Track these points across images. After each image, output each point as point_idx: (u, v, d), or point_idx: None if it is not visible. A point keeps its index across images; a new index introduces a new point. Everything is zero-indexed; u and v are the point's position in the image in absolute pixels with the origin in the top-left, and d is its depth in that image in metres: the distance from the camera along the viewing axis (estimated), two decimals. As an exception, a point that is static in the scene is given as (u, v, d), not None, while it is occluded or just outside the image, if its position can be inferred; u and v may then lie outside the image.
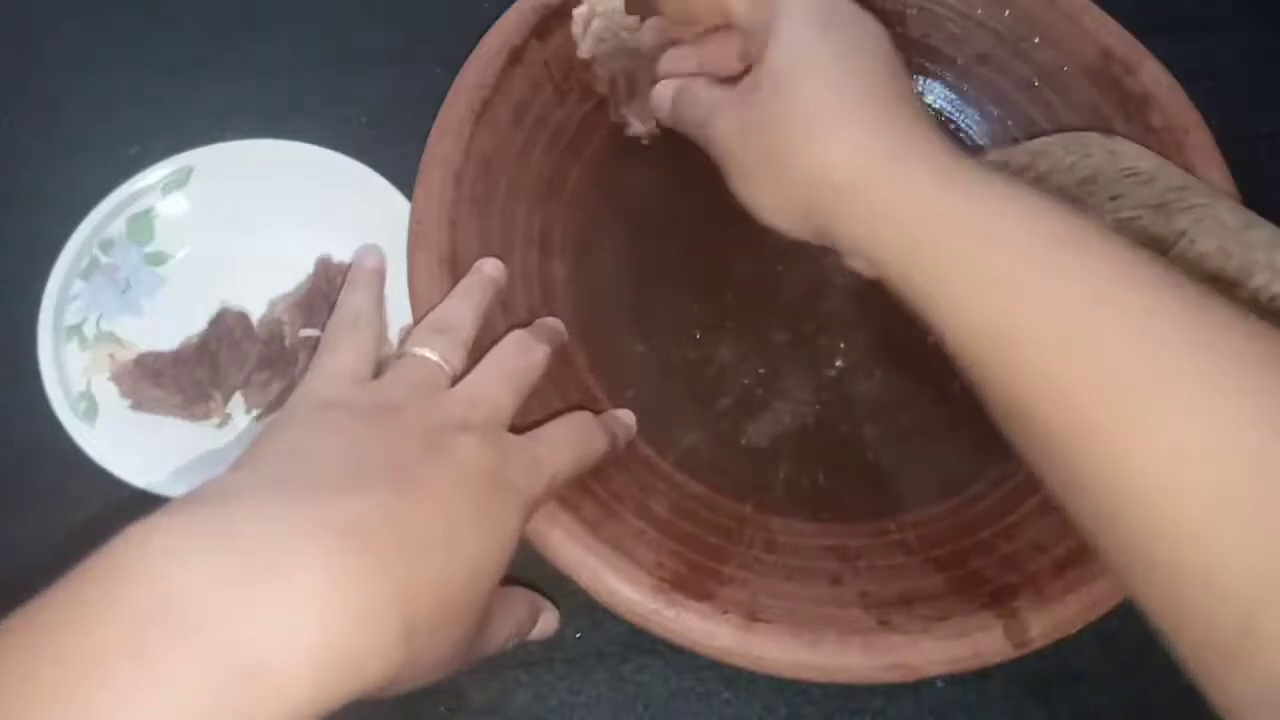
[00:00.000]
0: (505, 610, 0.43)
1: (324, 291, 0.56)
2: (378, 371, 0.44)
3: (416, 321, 0.47)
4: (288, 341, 0.55)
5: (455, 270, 0.47)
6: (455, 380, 0.43)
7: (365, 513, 0.33)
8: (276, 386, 0.55)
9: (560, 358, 0.49)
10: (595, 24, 0.54)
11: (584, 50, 0.54)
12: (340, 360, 0.44)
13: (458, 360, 0.44)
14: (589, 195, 0.46)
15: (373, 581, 0.31)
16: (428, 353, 0.43)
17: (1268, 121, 0.64)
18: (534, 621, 0.46)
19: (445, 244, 0.47)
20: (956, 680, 0.51)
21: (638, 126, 0.56)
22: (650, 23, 0.55)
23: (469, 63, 0.51)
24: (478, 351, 0.44)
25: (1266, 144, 0.62)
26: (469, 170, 0.49)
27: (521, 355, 0.45)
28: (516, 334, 0.45)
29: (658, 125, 0.57)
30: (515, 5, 0.53)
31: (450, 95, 0.51)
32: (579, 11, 0.54)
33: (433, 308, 0.47)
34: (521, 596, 0.46)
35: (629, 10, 0.52)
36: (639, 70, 0.55)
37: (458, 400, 0.41)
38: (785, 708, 0.50)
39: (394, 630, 0.31)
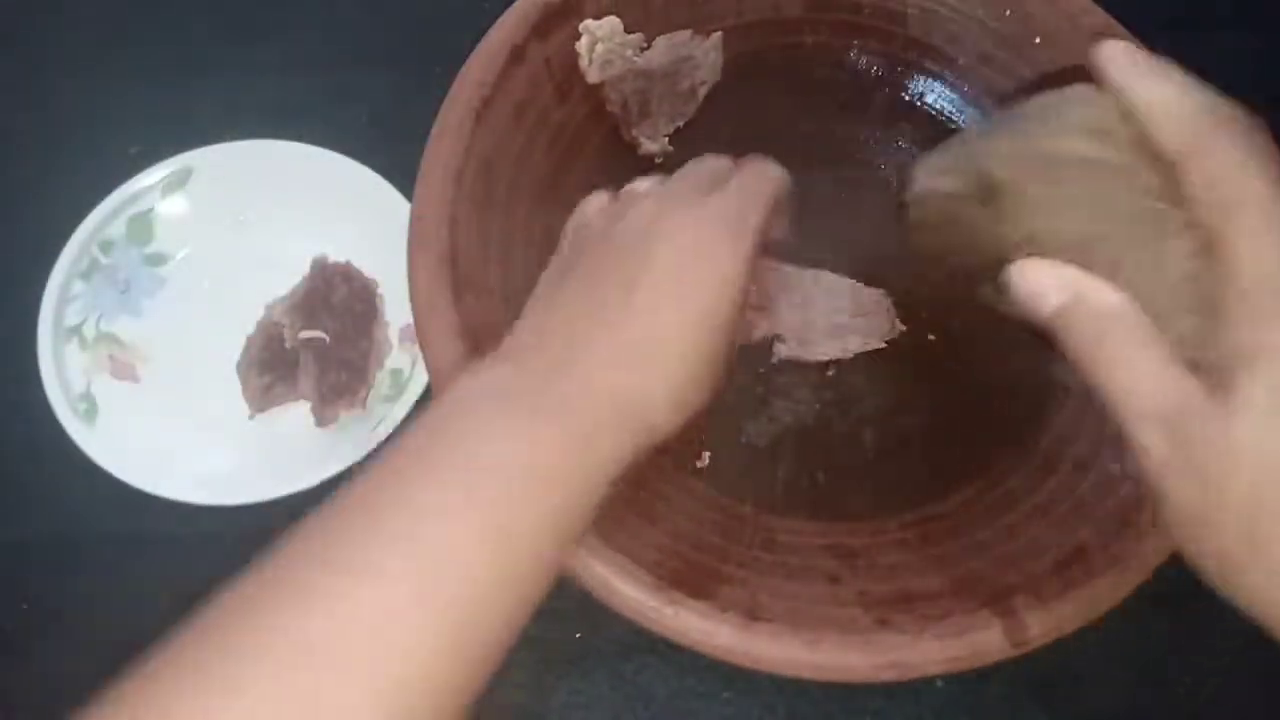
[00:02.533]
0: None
1: (322, 292, 0.56)
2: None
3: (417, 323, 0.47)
4: (288, 344, 0.56)
5: (455, 269, 0.47)
6: None
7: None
8: (279, 389, 0.55)
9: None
10: (599, 49, 0.54)
11: (593, 76, 0.54)
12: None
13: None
14: (589, 193, 0.46)
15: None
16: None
17: (1267, 121, 0.64)
18: (750, 331, 0.49)
19: (445, 243, 0.47)
20: (956, 680, 0.51)
21: (650, 146, 0.56)
22: (659, 40, 0.55)
23: (470, 61, 0.51)
24: None
25: (1266, 144, 0.62)
26: (469, 169, 0.49)
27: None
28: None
29: (670, 143, 0.57)
30: (516, 3, 0.53)
31: (451, 94, 0.51)
32: (582, 41, 0.54)
33: (433, 307, 0.47)
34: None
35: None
36: (650, 90, 0.55)
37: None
38: (785, 707, 0.51)
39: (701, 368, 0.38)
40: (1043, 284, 0.35)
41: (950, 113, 0.59)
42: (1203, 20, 0.68)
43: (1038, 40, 0.56)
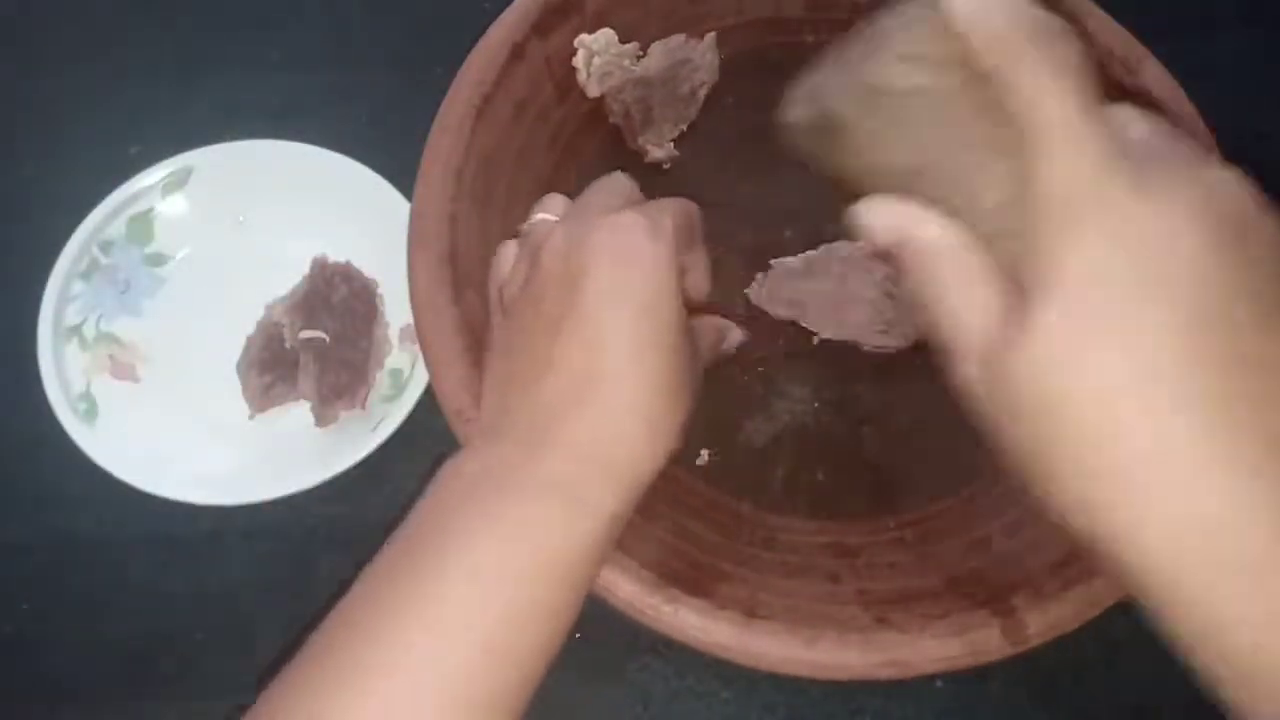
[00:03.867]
0: (700, 337, 0.43)
1: (322, 292, 0.56)
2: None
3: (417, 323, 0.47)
4: (288, 344, 0.56)
5: (455, 267, 0.47)
6: None
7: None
8: (279, 389, 0.55)
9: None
10: (596, 62, 0.54)
11: (593, 90, 0.55)
12: None
13: None
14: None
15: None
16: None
17: (1268, 121, 0.64)
18: (721, 338, 0.47)
19: (445, 240, 0.47)
20: (956, 680, 0.51)
21: (656, 153, 0.56)
22: (655, 47, 0.55)
23: (470, 58, 0.51)
24: None
25: (1266, 144, 0.62)
26: (470, 167, 0.49)
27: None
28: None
29: (675, 147, 0.57)
30: (516, 1, 0.53)
31: (451, 91, 0.51)
32: (578, 56, 0.54)
33: (433, 305, 0.47)
34: (706, 323, 0.45)
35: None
36: (650, 97, 0.55)
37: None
38: (785, 707, 0.50)
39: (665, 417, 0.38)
40: (875, 222, 0.34)
41: (950, 112, 0.59)
42: (1203, 20, 0.68)
43: (1038, 40, 0.56)
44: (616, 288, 0.38)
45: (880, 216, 0.34)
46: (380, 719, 0.32)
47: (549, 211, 0.44)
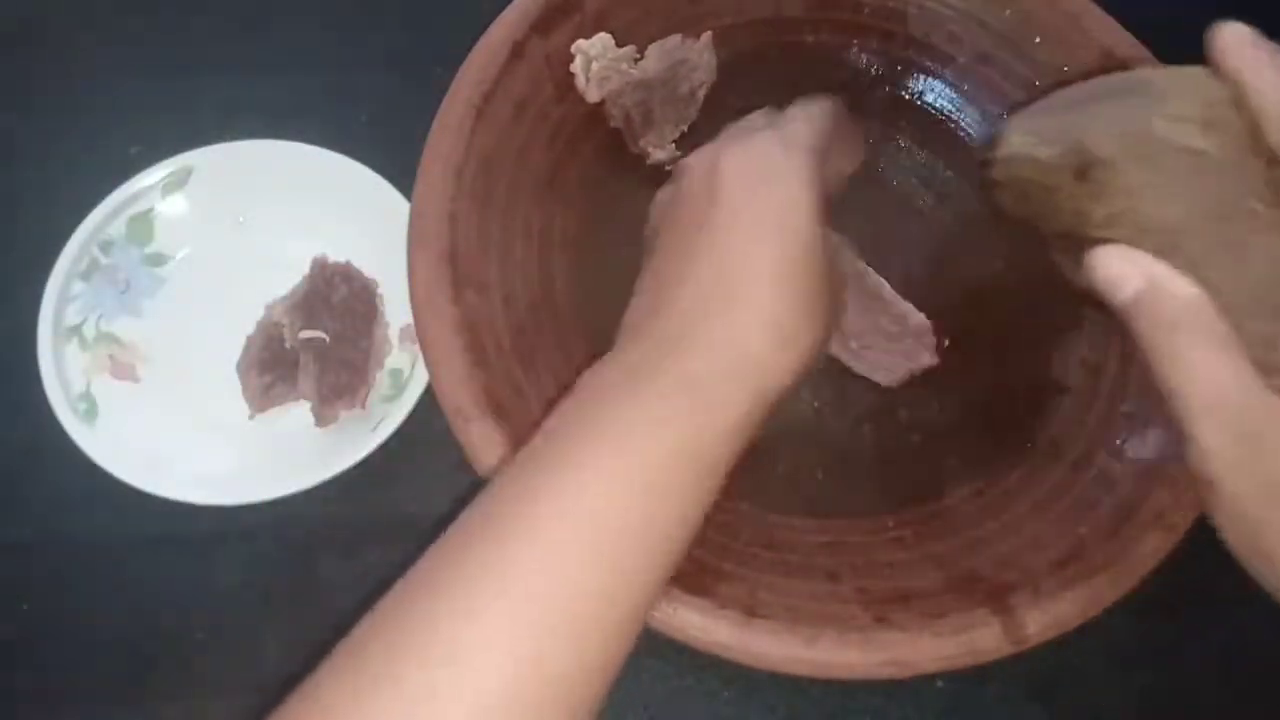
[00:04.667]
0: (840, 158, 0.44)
1: (322, 292, 0.56)
2: None
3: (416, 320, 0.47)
4: (288, 344, 0.56)
5: (455, 266, 0.47)
6: None
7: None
8: (279, 389, 0.55)
9: (560, 351, 0.50)
10: (594, 67, 0.54)
11: (593, 95, 0.55)
12: None
13: None
14: (589, 191, 0.46)
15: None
16: None
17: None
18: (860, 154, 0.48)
19: (445, 238, 0.47)
20: (957, 680, 0.51)
21: (659, 155, 0.56)
22: (652, 49, 0.55)
23: (470, 57, 0.51)
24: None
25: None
26: (469, 166, 0.49)
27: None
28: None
29: (677, 147, 0.57)
30: (517, 1, 0.53)
31: (451, 90, 0.51)
32: (576, 62, 0.54)
33: (432, 304, 0.47)
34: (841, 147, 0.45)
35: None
36: (650, 99, 0.55)
37: None
38: (785, 707, 0.50)
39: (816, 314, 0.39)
40: (1124, 272, 0.35)
41: (949, 111, 0.59)
42: (1202, 21, 0.67)
43: (1038, 39, 0.56)
44: (753, 200, 0.39)
45: (1133, 266, 0.35)
46: (536, 566, 0.32)
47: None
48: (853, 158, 0.46)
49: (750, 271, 0.38)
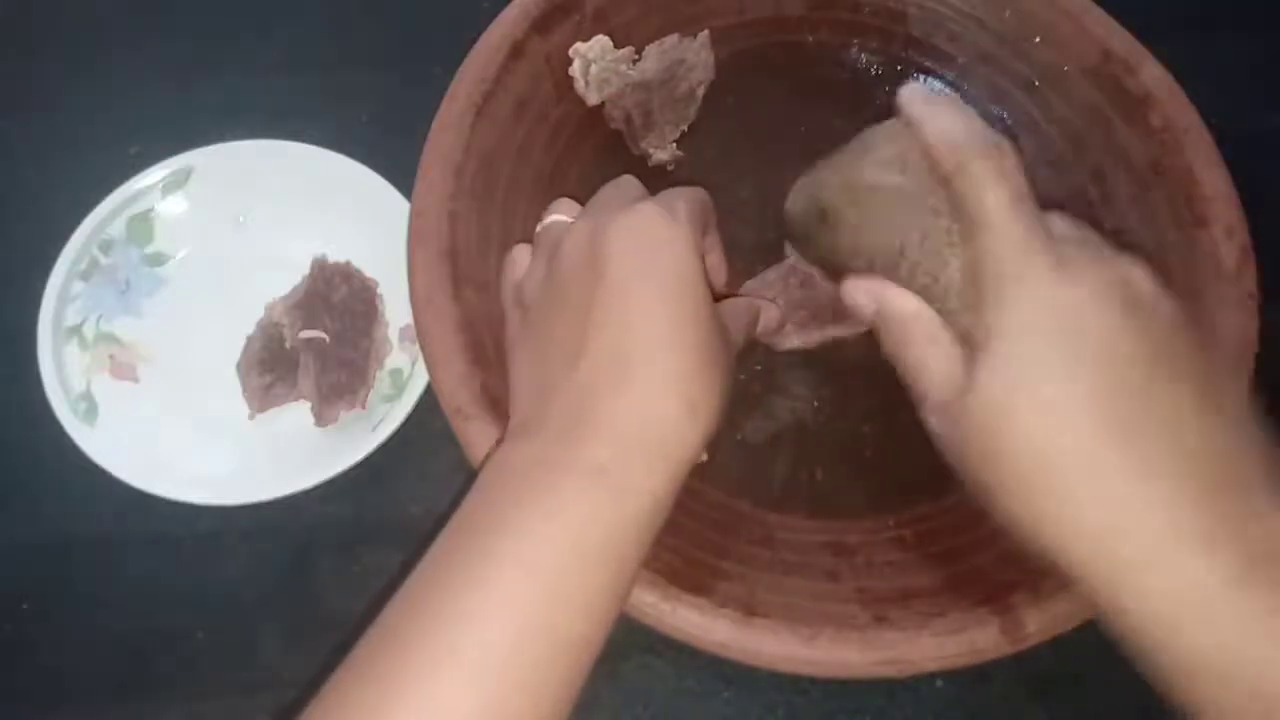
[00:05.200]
0: (731, 319, 0.44)
1: (321, 292, 0.56)
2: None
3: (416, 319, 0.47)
4: (288, 344, 0.56)
5: (455, 264, 0.47)
6: None
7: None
8: (279, 389, 0.55)
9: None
10: (593, 70, 0.54)
11: (592, 98, 0.55)
12: None
13: None
14: (589, 191, 0.46)
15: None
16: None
17: (1268, 121, 0.64)
18: (755, 318, 0.48)
19: (445, 237, 0.47)
20: (957, 680, 0.51)
21: (660, 155, 0.56)
22: (649, 49, 0.55)
23: (470, 56, 0.52)
24: None
25: (1266, 144, 0.62)
26: (469, 165, 0.49)
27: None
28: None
29: (678, 147, 0.57)
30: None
31: (452, 88, 0.51)
32: (574, 66, 0.54)
33: (432, 302, 0.47)
34: (739, 304, 0.47)
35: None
36: (649, 100, 0.55)
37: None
38: (785, 707, 0.50)
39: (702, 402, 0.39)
40: (859, 298, 0.42)
41: (950, 112, 0.59)
42: (1203, 20, 0.68)
43: (1037, 39, 0.56)
44: (641, 270, 0.39)
45: (865, 290, 0.42)
46: (430, 699, 0.32)
47: (561, 214, 0.45)
48: (716, 265, 0.47)
49: (647, 342, 0.38)
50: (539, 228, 0.45)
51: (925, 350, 0.39)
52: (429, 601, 0.35)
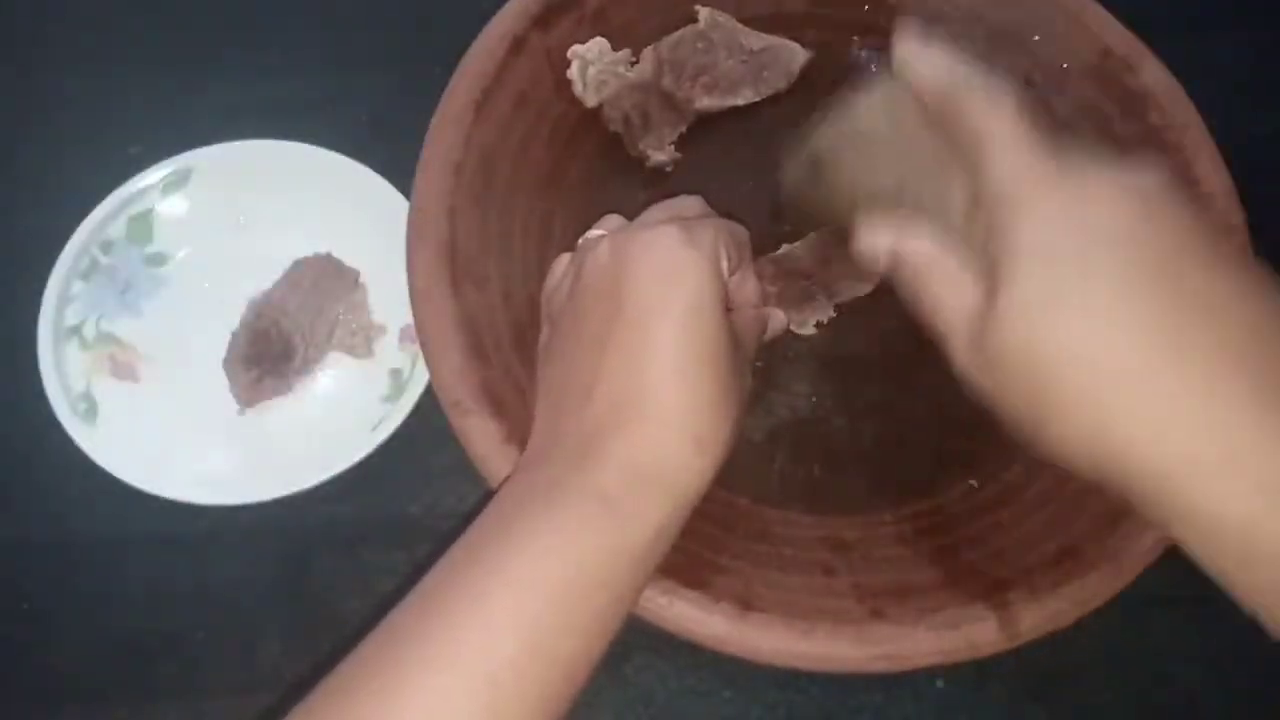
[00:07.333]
0: (743, 332, 0.45)
1: (294, 279, 0.56)
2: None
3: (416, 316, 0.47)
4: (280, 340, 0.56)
5: (454, 260, 0.47)
6: None
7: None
8: (269, 383, 0.55)
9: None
10: (591, 71, 0.54)
11: (590, 100, 0.55)
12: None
13: None
14: (589, 189, 0.46)
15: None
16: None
17: (1268, 121, 0.64)
18: (764, 328, 0.48)
19: (444, 233, 0.48)
20: (956, 679, 0.51)
21: (659, 156, 0.56)
22: (647, 52, 0.55)
23: (470, 51, 0.52)
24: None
25: (1266, 144, 0.62)
26: (469, 161, 0.49)
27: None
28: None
29: (676, 149, 0.57)
30: (516, -5, 0.53)
31: (452, 83, 0.51)
32: (573, 68, 0.54)
33: (431, 298, 0.47)
34: (749, 315, 0.47)
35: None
36: (648, 102, 0.55)
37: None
38: (785, 707, 0.50)
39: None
40: (873, 247, 0.41)
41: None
42: (1203, 20, 0.68)
43: (1037, 37, 0.56)
44: (657, 301, 0.39)
45: (878, 237, 0.40)
46: (429, 700, 0.33)
47: (604, 228, 0.45)
48: (746, 279, 0.47)
49: (659, 380, 0.39)
50: (580, 240, 0.46)
51: (947, 286, 0.38)
52: (432, 611, 0.36)
